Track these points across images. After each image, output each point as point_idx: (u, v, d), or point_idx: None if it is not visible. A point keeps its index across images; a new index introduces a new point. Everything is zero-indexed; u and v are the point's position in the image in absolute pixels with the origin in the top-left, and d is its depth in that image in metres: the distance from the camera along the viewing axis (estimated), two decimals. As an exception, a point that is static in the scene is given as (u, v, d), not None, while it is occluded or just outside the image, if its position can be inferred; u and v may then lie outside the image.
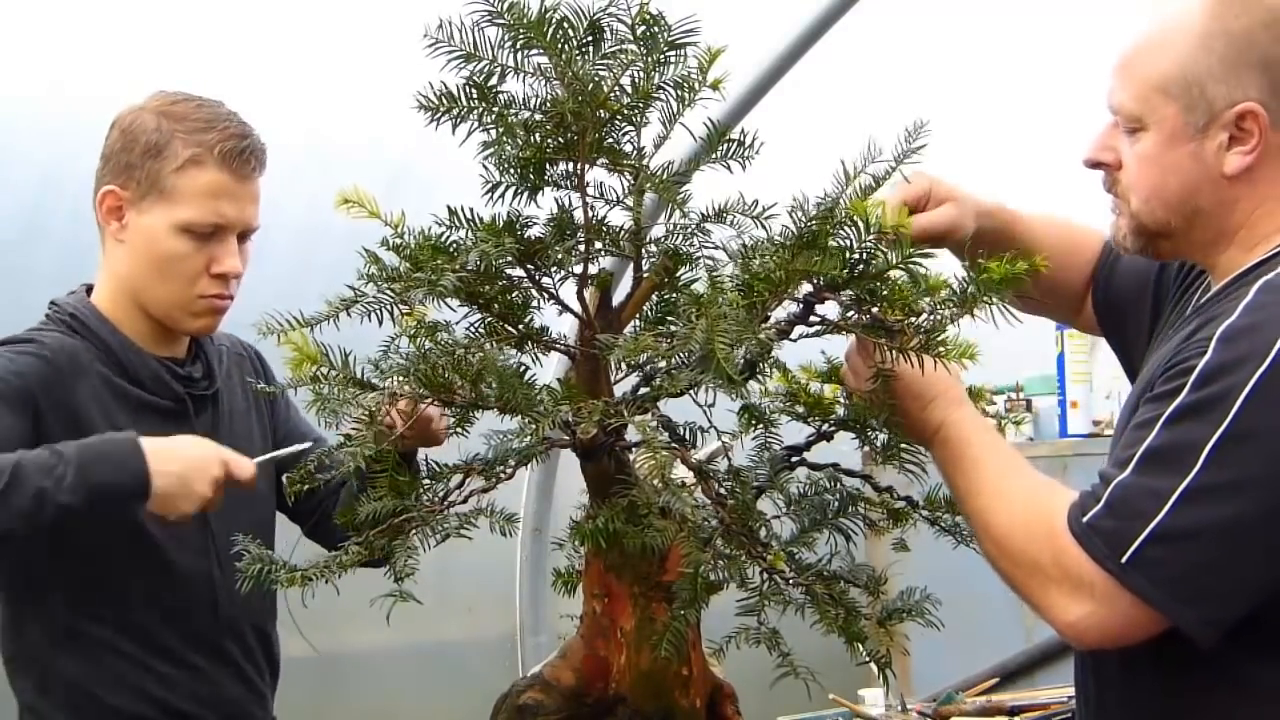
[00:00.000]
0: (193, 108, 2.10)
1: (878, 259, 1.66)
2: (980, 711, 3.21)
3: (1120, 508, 1.55)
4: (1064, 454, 4.06)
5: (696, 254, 1.76)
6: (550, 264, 1.76)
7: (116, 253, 2.12)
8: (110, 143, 2.12)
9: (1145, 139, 1.68)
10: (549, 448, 1.75)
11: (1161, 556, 1.53)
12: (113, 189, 2.09)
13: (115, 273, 2.12)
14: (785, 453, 1.83)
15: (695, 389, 1.64)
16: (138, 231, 2.08)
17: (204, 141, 2.06)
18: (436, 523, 1.79)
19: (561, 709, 1.82)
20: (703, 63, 1.67)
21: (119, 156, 2.09)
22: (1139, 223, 1.71)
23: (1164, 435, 1.55)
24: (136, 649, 2.08)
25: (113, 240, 2.12)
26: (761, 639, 1.70)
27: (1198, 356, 1.57)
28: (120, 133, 2.10)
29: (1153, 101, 1.66)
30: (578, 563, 1.85)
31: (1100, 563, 1.55)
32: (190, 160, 2.06)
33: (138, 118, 2.10)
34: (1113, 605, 1.55)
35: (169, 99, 2.12)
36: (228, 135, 2.08)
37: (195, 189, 2.06)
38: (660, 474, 1.56)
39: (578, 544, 1.78)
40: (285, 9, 3.21)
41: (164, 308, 2.11)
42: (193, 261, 2.08)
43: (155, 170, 2.06)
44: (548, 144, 1.70)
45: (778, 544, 1.73)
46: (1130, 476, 1.56)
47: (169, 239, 2.07)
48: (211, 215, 2.08)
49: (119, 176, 2.09)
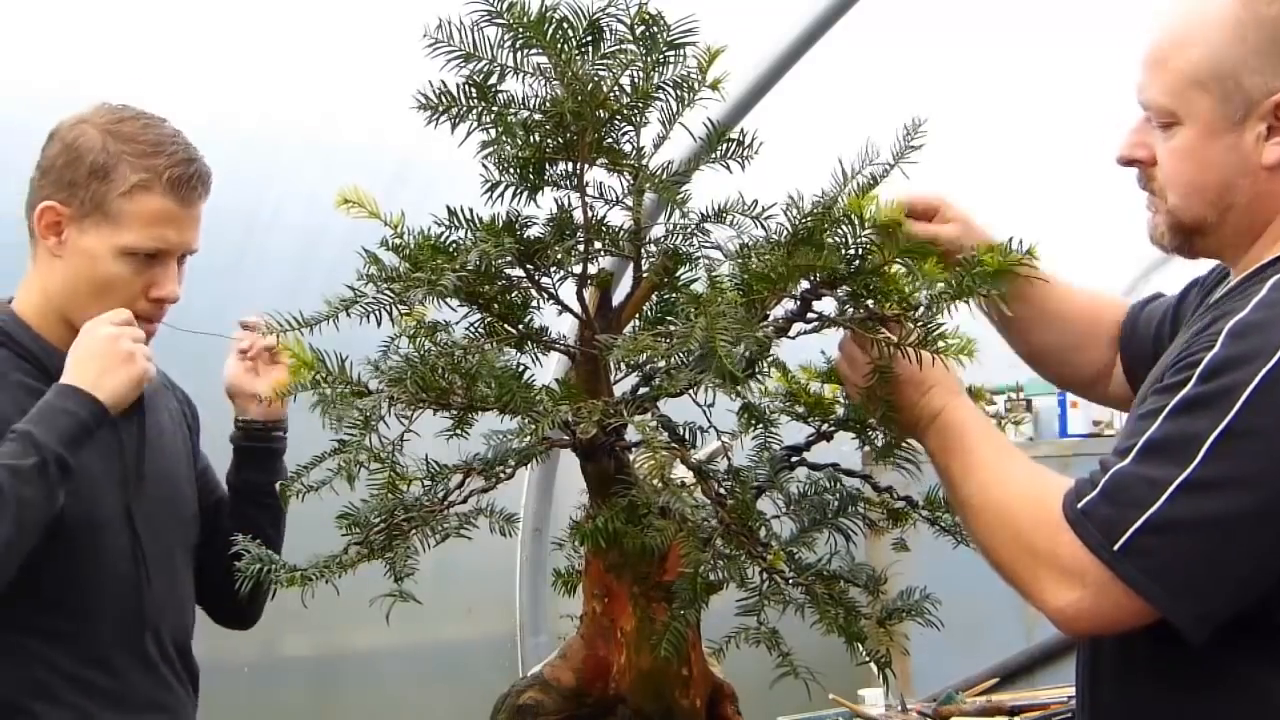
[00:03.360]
0: (139, 127, 2.06)
1: (874, 253, 1.67)
2: (980, 711, 3.21)
3: (1116, 495, 1.54)
4: (1064, 454, 4.07)
5: (696, 254, 1.76)
6: (550, 264, 1.76)
7: (50, 268, 2.07)
8: (50, 155, 2.06)
9: (1180, 133, 1.65)
10: (549, 448, 1.75)
11: (1155, 546, 1.52)
12: (53, 205, 2.04)
13: (45, 287, 2.09)
14: (785, 453, 1.83)
15: (695, 389, 1.64)
16: (77, 251, 2.05)
17: (152, 167, 2.03)
18: (436, 523, 1.79)
19: (561, 709, 1.82)
20: (702, 63, 1.67)
21: (62, 173, 2.04)
22: (1176, 219, 1.68)
23: (1166, 426, 1.54)
24: (69, 660, 2.03)
25: (47, 254, 2.07)
26: (761, 639, 1.70)
27: (1206, 350, 1.55)
28: (64, 147, 2.05)
29: (1186, 95, 1.63)
30: (578, 563, 1.85)
31: (1093, 550, 1.54)
32: (138, 185, 2.02)
33: (82, 133, 2.05)
34: (1103, 593, 1.54)
35: (114, 115, 2.07)
36: (176, 161, 2.05)
37: (140, 214, 2.03)
38: (660, 474, 1.56)
39: (578, 544, 1.78)
40: (286, 8, 3.21)
41: None
42: (131, 284, 2.05)
43: (101, 193, 2.02)
44: (547, 144, 1.70)
45: (778, 544, 1.73)
46: (1129, 465, 1.55)
47: (109, 261, 2.04)
48: (155, 241, 2.05)
49: (60, 192, 2.04)
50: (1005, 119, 4.25)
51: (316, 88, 3.16)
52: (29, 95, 2.91)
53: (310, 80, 3.15)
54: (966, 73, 4.10)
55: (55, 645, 2.02)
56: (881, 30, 3.73)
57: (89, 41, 3.08)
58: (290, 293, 1.82)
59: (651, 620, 1.74)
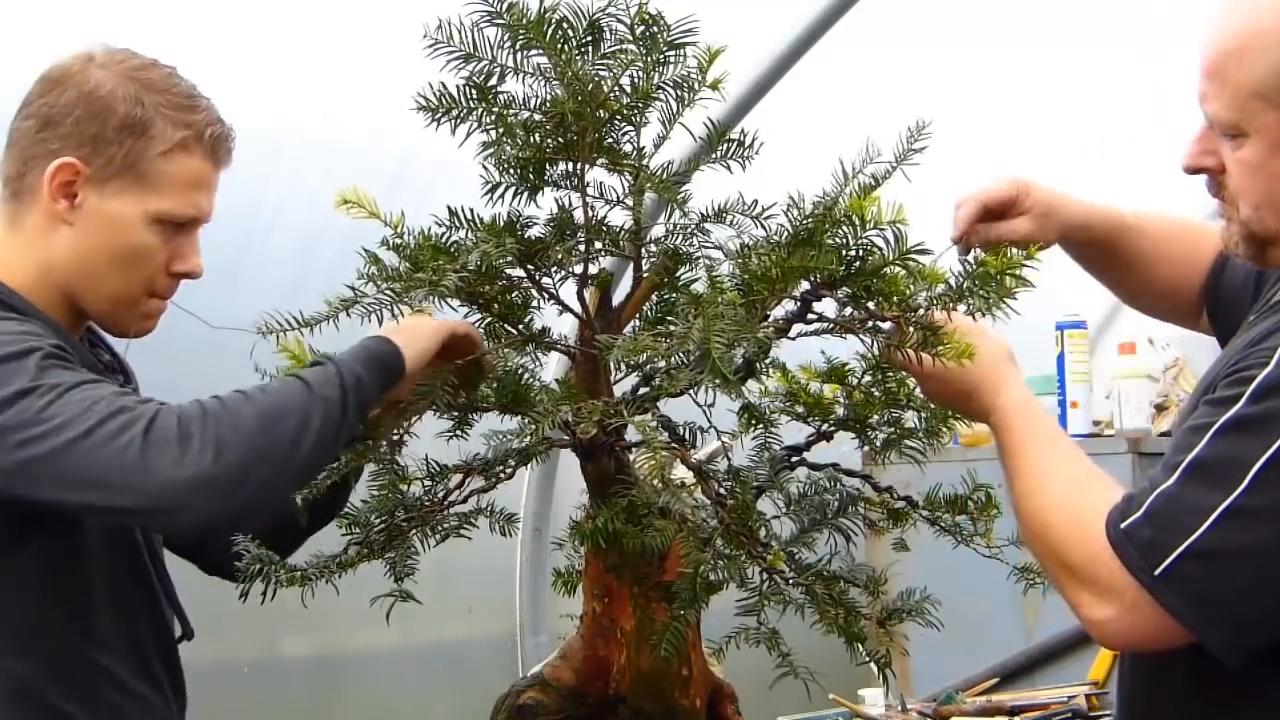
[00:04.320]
0: (166, 77, 1.81)
1: (874, 255, 1.67)
2: (980, 711, 3.21)
3: (1160, 518, 1.52)
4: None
5: (696, 254, 1.76)
6: (550, 264, 1.76)
7: (52, 234, 1.77)
8: (61, 104, 1.77)
9: (1248, 146, 1.60)
10: (549, 448, 1.76)
11: (1195, 573, 1.50)
12: (72, 161, 1.75)
13: (44, 257, 1.78)
14: (785, 453, 1.83)
15: (695, 389, 1.65)
16: (97, 216, 1.77)
17: (192, 123, 1.79)
18: (436, 523, 1.79)
19: (561, 709, 1.82)
20: (702, 63, 1.67)
21: (81, 125, 1.75)
22: (1249, 230, 1.64)
23: (1214, 446, 1.51)
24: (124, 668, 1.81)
25: (46, 218, 1.77)
26: (761, 639, 1.70)
27: (1259, 366, 1.52)
28: (81, 95, 1.76)
29: (1250, 109, 1.58)
30: (578, 563, 1.85)
31: (1133, 572, 1.52)
32: (179, 145, 1.77)
33: (103, 81, 1.77)
34: (1140, 613, 1.52)
35: (134, 60, 1.81)
36: (214, 118, 1.82)
37: (179, 177, 1.78)
38: (660, 474, 1.56)
39: (578, 544, 1.78)
40: (286, 9, 3.21)
41: (106, 303, 1.81)
42: (157, 256, 1.80)
43: (136, 151, 1.76)
44: (547, 144, 1.70)
45: (778, 544, 1.74)
46: (1174, 486, 1.52)
47: (139, 229, 1.77)
48: (191, 207, 1.80)
49: (82, 148, 1.75)
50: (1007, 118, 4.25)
51: (316, 88, 3.16)
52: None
53: (310, 80, 3.14)
54: (968, 71, 4.10)
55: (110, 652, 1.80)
56: (882, 30, 3.73)
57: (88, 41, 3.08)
58: (290, 293, 1.81)
59: (651, 620, 1.75)
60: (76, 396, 1.57)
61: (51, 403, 1.56)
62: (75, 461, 1.54)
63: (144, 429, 1.54)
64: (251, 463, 1.56)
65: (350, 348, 1.69)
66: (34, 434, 1.55)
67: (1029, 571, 1.84)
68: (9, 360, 1.60)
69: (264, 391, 1.61)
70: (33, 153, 1.78)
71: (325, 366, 1.65)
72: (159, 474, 1.52)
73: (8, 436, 1.56)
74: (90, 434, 1.54)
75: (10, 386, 1.58)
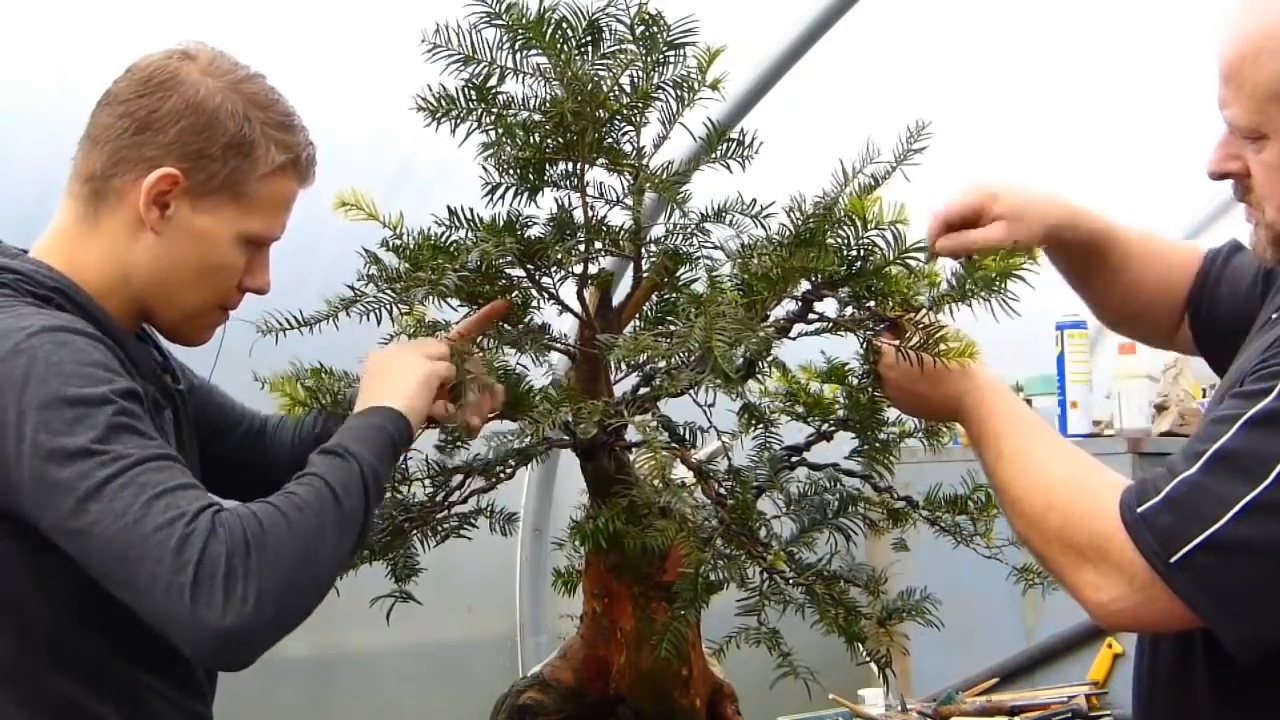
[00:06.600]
0: (265, 92, 1.75)
1: (875, 255, 1.67)
2: (980, 711, 3.21)
3: (1180, 505, 1.50)
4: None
5: (696, 254, 1.76)
6: (550, 264, 1.76)
7: (136, 242, 1.71)
8: (166, 110, 1.69)
9: (1270, 148, 1.59)
10: (549, 448, 1.76)
11: (1213, 565, 1.48)
12: (173, 173, 1.68)
13: (124, 263, 1.71)
14: (785, 453, 1.83)
15: (695, 389, 1.65)
16: (188, 230, 1.70)
17: (293, 146, 1.74)
18: (436, 523, 1.79)
19: (561, 709, 1.82)
20: (702, 63, 1.67)
21: (186, 137, 1.68)
22: (1276, 233, 1.63)
23: (1240, 438, 1.50)
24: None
25: (132, 225, 1.70)
26: (761, 639, 1.70)
27: None
28: (189, 106, 1.69)
29: (1269, 111, 1.58)
30: (578, 563, 1.85)
31: (1147, 556, 1.50)
32: (279, 168, 1.72)
33: (211, 92, 1.70)
34: (1150, 597, 1.51)
35: (235, 71, 1.74)
36: (308, 140, 1.77)
37: (272, 198, 1.74)
38: (660, 474, 1.56)
39: (578, 544, 1.78)
40: (286, 9, 3.21)
41: (180, 315, 1.77)
42: (237, 273, 1.75)
43: (241, 171, 1.70)
44: (547, 144, 1.70)
45: (778, 544, 1.74)
46: (1197, 474, 1.50)
47: (227, 247, 1.72)
48: (278, 229, 1.77)
49: (185, 161, 1.68)
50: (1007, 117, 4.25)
51: (316, 88, 3.16)
52: (28, 94, 2.91)
53: (310, 80, 3.14)
54: (968, 71, 4.10)
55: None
56: (882, 30, 3.73)
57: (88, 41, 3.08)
58: (290, 293, 1.80)
59: (651, 620, 1.75)
60: (140, 479, 1.50)
61: (113, 477, 1.50)
62: (125, 561, 1.48)
63: (195, 561, 1.47)
64: (290, 603, 1.52)
65: (364, 423, 1.65)
66: (89, 514, 1.49)
67: (1029, 571, 1.84)
68: (82, 404, 1.54)
69: (300, 510, 1.55)
70: (125, 155, 1.70)
71: (348, 464, 1.60)
72: (204, 622, 1.46)
73: (64, 497, 1.51)
74: (144, 540, 1.48)
75: (78, 438, 1.51)
